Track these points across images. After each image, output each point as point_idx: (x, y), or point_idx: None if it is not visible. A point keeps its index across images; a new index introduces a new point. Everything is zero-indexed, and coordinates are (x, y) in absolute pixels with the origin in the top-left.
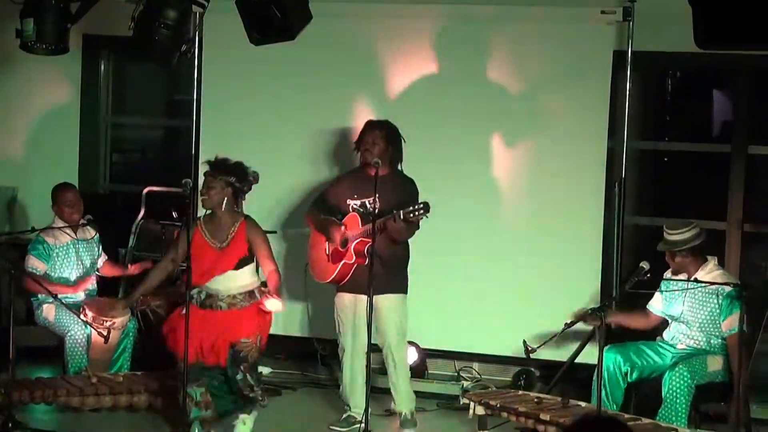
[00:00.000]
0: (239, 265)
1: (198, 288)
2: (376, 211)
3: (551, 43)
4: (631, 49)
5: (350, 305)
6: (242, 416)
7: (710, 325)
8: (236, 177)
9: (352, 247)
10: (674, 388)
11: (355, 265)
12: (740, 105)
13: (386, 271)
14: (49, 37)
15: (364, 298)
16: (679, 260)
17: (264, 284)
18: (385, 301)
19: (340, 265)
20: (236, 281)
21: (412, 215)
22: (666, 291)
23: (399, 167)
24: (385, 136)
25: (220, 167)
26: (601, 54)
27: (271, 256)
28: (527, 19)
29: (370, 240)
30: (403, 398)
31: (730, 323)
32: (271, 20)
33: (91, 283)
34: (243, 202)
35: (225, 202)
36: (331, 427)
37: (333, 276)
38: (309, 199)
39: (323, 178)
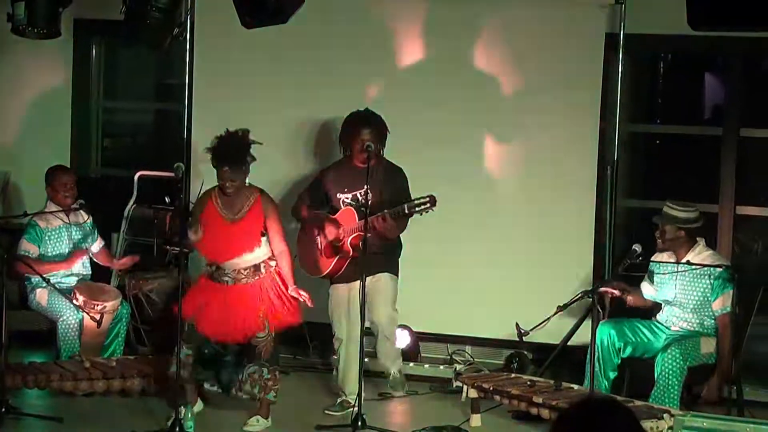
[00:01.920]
0: None
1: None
2: (369, 203)
3: (543, 26)
4: (623, 31)
5: (346, 294)
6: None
7: (703, 306)
8: (250, 155)
9: (349, 242)
10: (667, 370)
11: (350, 259)
12: (732, 88)
13: (381, 255)
14: (41, 21)
15: (357, 283)
16: (671, 237)
17: (271, 258)
18: (380, 280)
19: (335, 260)
20: (238, 259)
21: (418, 207)
22: (658, 273)
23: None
24: (377, 133)
25: (239, 157)
26: (593, 36)
27: (283, 234)
28: (519, 2)
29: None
30: (390, 360)
31: (721, 302)
32: (263, 3)
33: (84, 262)
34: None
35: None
36: (326, 411)
37: (328, 270)
38: (295, 190)
39: (312, 167)
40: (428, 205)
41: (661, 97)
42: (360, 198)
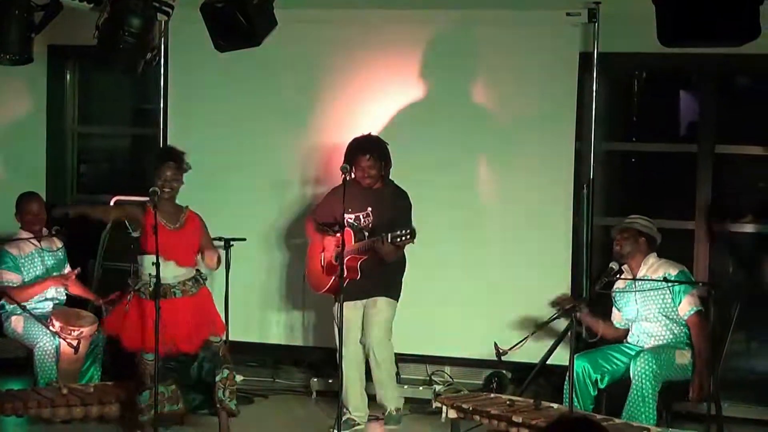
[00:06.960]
0: None
1: (142, 282)
2: (370, 225)
3: (517, 46)
4: (597, 50)
5: (347, 313)
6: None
7: (667, 314)
8: (187, 163)
9: (345, 263)
10: (640, 373)
11: (347, 280)
12: (706, 105)
13: (381, 276)
14: (13, 47)
15: (360, 304)
16: (626, 244)
17: (199, 272)
18: (376, 303)
19: (333, 278)
20: (182, 268)
21: (399, 240)
22: (618, 293)
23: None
24: (378, 158)
25: (181, 158)
26: (567, 56)
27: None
28: (492, 22)
29: (362, 256)
30: (388, 394)
31: (687, 305)
32: (235, 27)
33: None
34: None
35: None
36: (332, 430)
37: (326, 288)
38: (303, 211)
39: (297, 193)
40: (408, 237)
41: (636, 115)
42: (362, 219)
